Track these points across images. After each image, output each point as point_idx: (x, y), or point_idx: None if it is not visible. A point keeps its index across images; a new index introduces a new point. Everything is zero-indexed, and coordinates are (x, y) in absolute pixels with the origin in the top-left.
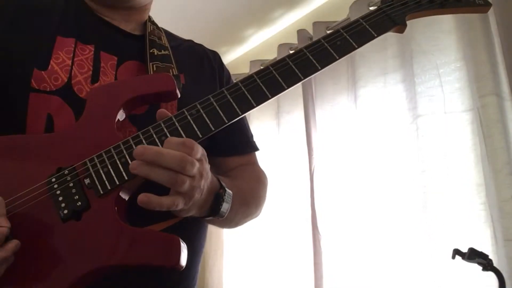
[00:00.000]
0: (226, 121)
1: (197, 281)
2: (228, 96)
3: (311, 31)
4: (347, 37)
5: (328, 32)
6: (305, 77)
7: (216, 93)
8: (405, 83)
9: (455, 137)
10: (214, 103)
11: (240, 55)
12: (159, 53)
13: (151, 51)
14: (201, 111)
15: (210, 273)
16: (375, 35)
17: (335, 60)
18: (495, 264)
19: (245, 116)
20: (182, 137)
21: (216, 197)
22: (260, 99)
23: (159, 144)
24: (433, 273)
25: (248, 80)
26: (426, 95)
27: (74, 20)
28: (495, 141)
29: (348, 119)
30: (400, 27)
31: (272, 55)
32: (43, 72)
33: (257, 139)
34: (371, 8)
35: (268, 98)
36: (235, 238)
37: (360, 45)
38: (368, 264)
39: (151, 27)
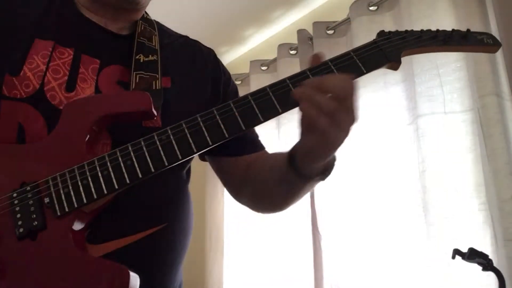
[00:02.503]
0: (195, 151)
1: (177, 286)
2: (201, 124)
3: (311, 31)
4: (335, 71)
5: (328, 33)
6: (283, 111)
7: (190, 119)
8: (405, 83)
9: (455, 137)
10: (186, 130)
11: (240, 55)
12: (146, 59)
13: (137, 57)
14: (171, 137)
15: (210, 273)
16: (364, 72)
17: None
18: (495, 264)
19: None
20: (148, 163)
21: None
22: (234, 129)
23: (123, 168)
24: (433, 273)
25: (224, 108)
26: (426, 95)
27: (56, 21)
28: (495, 141)
29: None
30: (393, 64)
31: (272, 55)
32: (14, 78)
33: None
34: (371, 9)
35: (242, 130)
36: (235, 238)
37: None
38: (368, 264)
39: (142, 26)
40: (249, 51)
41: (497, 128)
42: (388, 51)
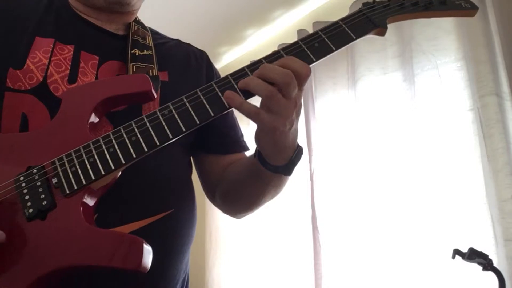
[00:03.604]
0: (198, 122)
1: (186, 280)
2: (202, 97)
3: (311, 31)
4: (325, 39)
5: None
6: None
7: (190, 93)
8: (405, 83)
9: (455, 137)
10: (187, 104)
11: (240, 55)
12: (141, 53)
13: (132, 51)
14: (173, 111)
15: (210, 273)
16: (354, 38)
17: (312, 62)
18: (495, 264)
19: (235, 116)
20: (152, 137)
21: (299, 150)
22: None
23: (128, 143)
24: (433, 273)
25: (223, 81)
26: (426, 95)
27: (55, 20)
28: (495, 141)
29: (348, 119)
30: (380, 29)
31: None
32: (18, 71)
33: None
34: None
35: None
36: (235, 238)
37: (338, 47)
38: (368, 264)
39: (135, 27)
40: (249, 51)
41: (497, 128)
42: (374, 18)
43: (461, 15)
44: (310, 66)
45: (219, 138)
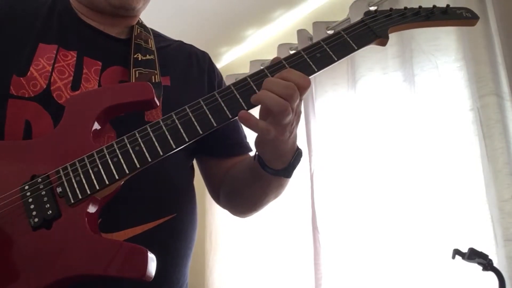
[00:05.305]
0: (201, 132)
1: (186, 283)
2: (204, 107)
3: (311, 31)
4: (327, 49)
5: (328, 33)
6: None
7: (193, 103)
8: (405, 83)
9: (455, 137)
10: (190, 114)
11: (240, 55)
12: (144, 58)
13: (135, 56)
14: (176, 121)
15: (210, 273)
16: (356, 48)
17: (314, 72)
18: (495, 264)
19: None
20: (156, 147)
21: (298, 153)
22: (236, 111)
23: (132, 154)
24: (433, 273)
25: (225, 91)
26: (426, 95)
27: (58, 26)
28: (495, 141)
29: (348, 119)
30: (381, 40)
31: (272, 55)
32: (21, 78)
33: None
34: (371, 9)
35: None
36: (235, 238)
37: (340, 58)
38: (368, 264)
39: (138, 30)
40: (249, 51)
41: (497, 128)
42: (376, 28)
43: (462, 25)
44: (313, 76)
45: (222, 141)
